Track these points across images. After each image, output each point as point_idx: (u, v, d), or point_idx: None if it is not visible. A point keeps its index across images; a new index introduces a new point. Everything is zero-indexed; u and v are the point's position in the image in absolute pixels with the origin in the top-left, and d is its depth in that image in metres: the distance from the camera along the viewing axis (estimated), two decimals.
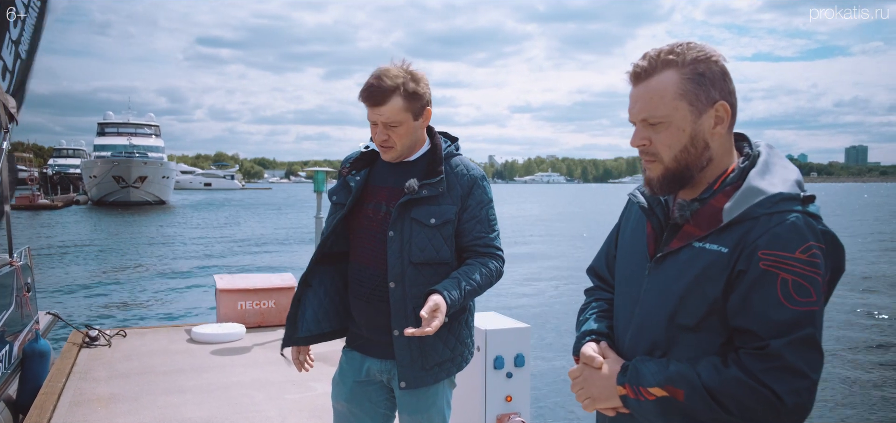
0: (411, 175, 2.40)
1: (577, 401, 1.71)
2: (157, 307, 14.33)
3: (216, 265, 21.48)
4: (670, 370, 1.50)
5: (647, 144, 1.59)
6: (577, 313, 1.93)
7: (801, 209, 1.46)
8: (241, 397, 5.28)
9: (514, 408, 3.68)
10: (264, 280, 7.77)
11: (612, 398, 1.60)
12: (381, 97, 2.30)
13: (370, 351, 2.49)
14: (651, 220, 1.67)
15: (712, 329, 1.51)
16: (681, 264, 1.54)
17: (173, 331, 7.48)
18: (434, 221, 2.36)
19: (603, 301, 1.86)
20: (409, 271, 2.35)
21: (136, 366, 6.08)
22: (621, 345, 1.69)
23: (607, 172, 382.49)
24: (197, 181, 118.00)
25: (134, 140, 57.93)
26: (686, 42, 1.57)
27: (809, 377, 1.40)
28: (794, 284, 1.40)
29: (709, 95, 1.53)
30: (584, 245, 27.11)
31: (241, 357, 6.41)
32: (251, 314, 7.45)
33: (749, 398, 1.41)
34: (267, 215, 52.00)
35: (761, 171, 1.52)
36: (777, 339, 1.40)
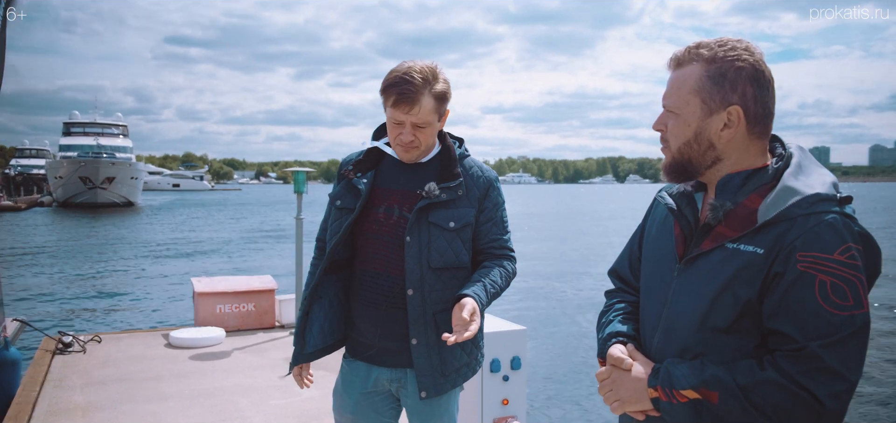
0: (424, 177, 2.33)
1: (605, 403, 1.66)
2: (132, 312, 14.01)
3: (191, 268, 21.13)
4: (705, 373, 1.46)
5: (663, 130, 1.63)
6: (598, 316, 1.89)
7: (838, 210, 1.44)
8: (224, 403, 5.16)
9: (510, 411, 3.63)
10: (243, 283, 7.64)
11: (642, 401, 1.57)
12: (415, 98, 2.22)
13: (379, 361, 2.40)
14: (680, 221, 1.64)
15: (745, 331, 1.48)
16: (713, 265, 1.51)
17: (150, 336, 7.31)
18: (453, 224, 2.30)
19: (626, 303, 1.83)
20: (429, 276, 2.28)
21: (114, 373, 5.92)
22: (648, 347, 1.66)
23: (578, 173, 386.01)
24: (165, 182, 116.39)
25: (101, 140, 56.90)
26: (728, 39, 1.55)
27: (848, 378, 1.37)
28: (832, 285, 1.38)
29: (724, 97, 1.52)
30: (564, 246, 27.29)
31: (222, 362, 6.28)
32: (230, 318, 7.31)
33: (787, 400, 1.38)
34: (239, 215, 51.44)
35: (795, 171, 1.50)
36: (815, 341, 1.37)
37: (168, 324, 10.78)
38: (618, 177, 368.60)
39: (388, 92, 2.25)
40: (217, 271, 19.54)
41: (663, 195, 1.73)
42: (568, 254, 24.98)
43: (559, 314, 13.67)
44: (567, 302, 15.02)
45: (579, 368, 9.82)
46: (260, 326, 7.44)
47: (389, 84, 2.25)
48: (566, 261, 22.58)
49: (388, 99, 2.26)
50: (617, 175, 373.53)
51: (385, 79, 2.28)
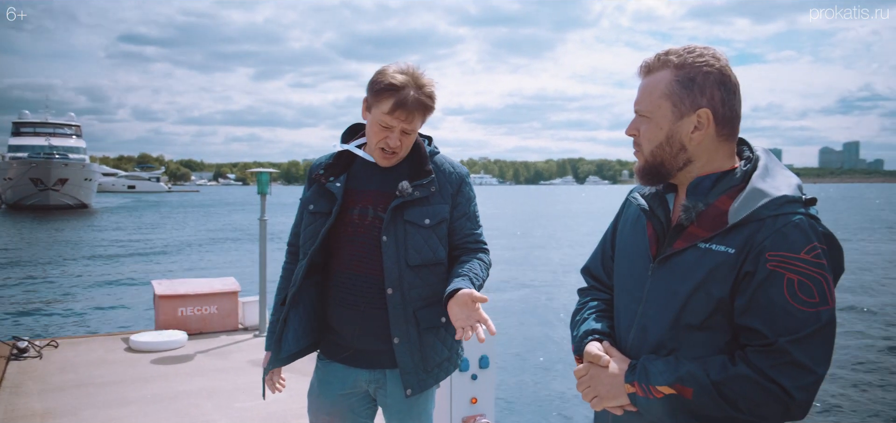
0: (396, 176, 2.34)
1: (583, 399, 1.71)
2: (90, 316, 13.66)
3: (149, 270, 20.70)
4: (680, 370, 1.52)
5: (635, 135, 1.69)
6: (571, 314, 1.94)
7: (804, 211, 1.51)
8: (188, 407, 5.09)
9: (479, 410, 3.67)
10: (205, 285, 7.53)
11: (619, 396, 1.62)
12: (416, 109, 2.24)
13: (356, 362, 2.39)
14: (652, 221, 1.70)
15: (717, 328, 1.54)
16: (687, 264, 1.57)
17: (109, 340, 7.16)
18: (429, 221, 2.31)
19: (600, 301, 1.88)
20: (407, 274, 2.29)
21: (72, 378, 5.78)
22: (624, 344, 1.71)
23: (538, 174, 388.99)
24: (120, 183, 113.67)
25: (53, 140, 55.21)
26: (695, 46, 1.62)
27: (816, 372, 1.44)
28: (799, 283, 1.45)
29: (694, 101, 1.58)
30: (521, 245, 27.48)
31: (185, 366, 6.19)
32: (193, 321, 7.21)
33: (758, 393, 1.45)
34: (199, 217, 50.60)
35: (763, 174, 1.56)
36: (784, 336, 1.44)
37: (128, 328, 10.57)
38: (577, 178, 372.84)
39: (386, 96, 2.23)
40: (177, 274, 19.19)
41: (635, 196, 1.78)
42: (531, 253, 25.21)
43: (526, 312, 13.80)
44: (533, 301, 15.15)
45: (545, 365, 9.94)
46: (223, 328, 7.35)
47: (389, 89, 2.23)
48: (529, 260, 22.77)
49: (383, 103, 2.24)
50: (577, 176, 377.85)
51: (381, 81, 2.25)
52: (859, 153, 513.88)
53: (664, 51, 1.64)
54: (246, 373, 5.93)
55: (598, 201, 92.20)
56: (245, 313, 7.50)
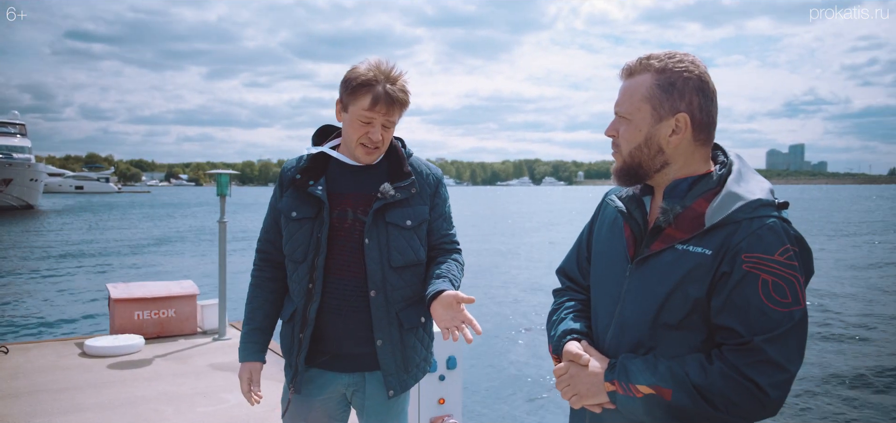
0: (373, 178, 2.34)
1: (563, 398, 1.73)
2: (40, 321, 13.24)
3: (101, 273, 20.14)
4: (659, 370, 1.56)
5: (614, 136, 1.73)
6: (548, 314, 1.96)
7: (777, 215, 1.57)
8: (148, 412, 4.99)
9: (447, 410, 3.68)
10: (163, 288, 7.36)
11: (599, 394, 1.65)
12: (397, 102, 2.26)
13: (334, 366, 2.38)
14: (629, 222, 1.73)
15: (693, 327, 1.59)
16: (664, 265, 1.61)
17: (62, 345, 6.95)
18: (410, 223, 2.32)
19: (576, 301, 1.91)
20: (390, 276, 2.30)
21: (25, 385, 5.61)
22: (601, 343, 1.75)
23: (495, 175, 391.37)
24: (67, 184, 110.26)
25: None
26: (675, 52, 1.66)
27: (789, 370, 1.50)
28: (773, 284, 1.50)
29: (673, 105, 1.62)
30: (478, 248, 27.59)
31: (143, 370, 6.05)
32: (149, 325, 7.05)
33: (734, 391, 1.49)
34: (151, 218, 49.48)
35: (737, 178, 1.62)
36: (759, 335, 1.49)
37: (81, 332, 10.30)
38: (534, 179, 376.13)
39: (364, 92, 2.23)
40: (129, 277, 18.74)
41: (612, 198, 1.82)
42: (493, 254, 25.36)
43: (492, 313, 13.87)
44: (499, 301, 15.24)
45: (513, 365, 10.01)
46: (181, 332, 7.20)
47: (367, 84, 2.23)
48: (492, 260, 22.90)
49: (362, 99, 2.24)
50: (533, 177, 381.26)
51: (357, 78, 2.25)
52: (805, 155, 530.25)
53: (646, 55, 1.68)
54: (206, 377, 5.84)
55: (554, 202, 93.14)
56: (204, 316, 7.36)
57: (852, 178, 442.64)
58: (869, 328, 12.37)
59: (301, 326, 2.34)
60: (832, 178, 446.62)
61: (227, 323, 7.25)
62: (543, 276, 18.72)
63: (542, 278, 18.22)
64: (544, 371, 9.50)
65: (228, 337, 7.14)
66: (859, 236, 32.83)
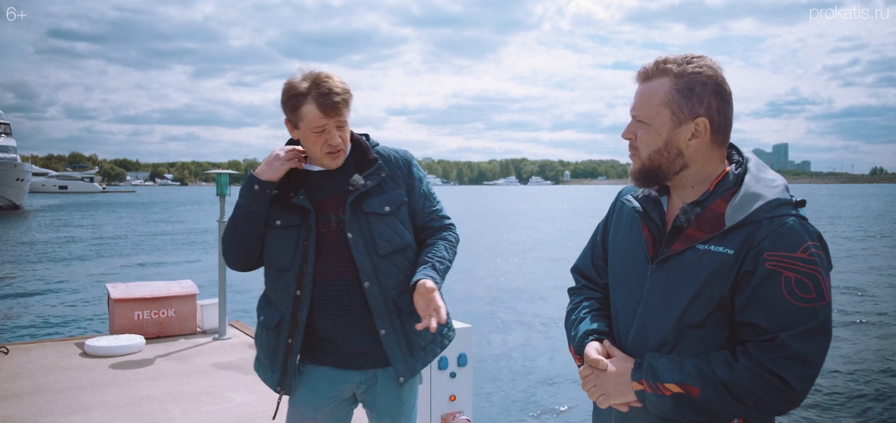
0: (343, 176, 2.37)
1: (589, 398, 1.77)
2: (38, 321, 13.16)
3: (95, 272, 20.06)
4: (686, 368, 1.59)
5: (632, 139, 1.74)
6: (566, 313, 1.98)
7: (795, 213, 1.62)
8: (154, 411, 5.01)
9: (458, 407, 3.75)
10: (163, 288, 7.37)
11: (626, 394, 1.68)
12: (341, 103, 2.29)
13: (345, 364, 2.42)
14: (647, 222, 1.76)
15: (716, 325, 1.63)
16: (687, 265, 1.64)
17: (62, 345, 6.94)
18: (388, 208, 2.37)
19: (593, 300, 1.93)
20: (381, 264, 2.33)
21: (27, 385, 5.61)
22: (624, 342, 1.77)
23: (482, 174, 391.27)
24: (51, 183, 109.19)
25: None
26: (692, 55, 1.69)
27: (815, 364, 1.54)
28: (796, 281, 1.54)
29: (692, 109, 1.65)
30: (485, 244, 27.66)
31: (145, 370, 6.07)
32: (150, 325, 7.06)
33: (760, 387, 1.53)
34: (141, 217, 49.16)
35: (755, 178, 1.66)
36: (784, 332, 1.53)
37: (79, 332, 10.27)
38: (521, 178, 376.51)
39: (306, 104, 2.26)
40: (125, 276, 18.66)
41: (628, 199, 1.84)
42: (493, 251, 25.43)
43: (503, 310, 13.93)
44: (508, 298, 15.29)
45: (521, 362, 10.08)
46: (181, 332, 7.22)
47: (305, 96, 2.27)
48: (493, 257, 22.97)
49: (307, 112, 2.27)
50: (520, 177, 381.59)
51: (295, 94, 2.28)
52: (788, 155, 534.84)
53: (662, 58, 1.70)
54: (209, 376, 5.87)
55: (541, 201, 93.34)
56: (204, 316, 7.38)
57: (835, 177, 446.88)
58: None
59: (290, 331, 2.36)
60: (816, 177, 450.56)
61: (227, 323, 7.27)
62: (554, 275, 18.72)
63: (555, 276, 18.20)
64: (556, 367, 9.57)
65: (229, 336, 7.16)
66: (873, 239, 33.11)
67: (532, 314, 13.62)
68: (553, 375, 9.27)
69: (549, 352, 10.51)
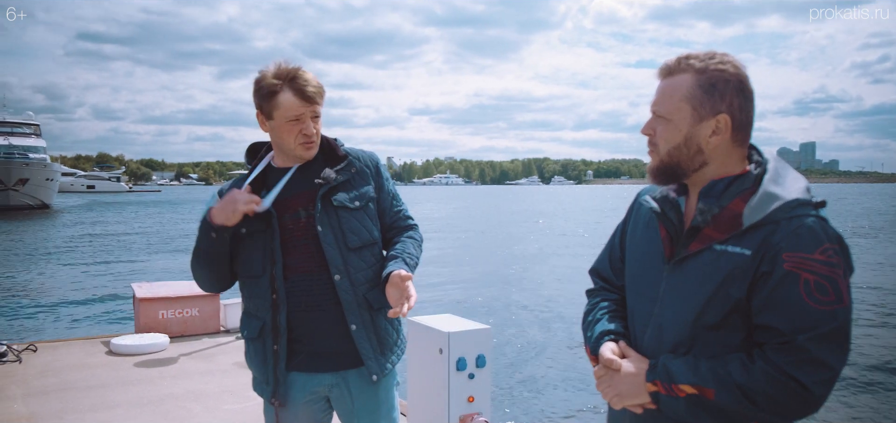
0: (313, 174, 2.38)
1: (603, 399, 1.76)
2: (65, 319, 13.38)
3: (121, 271, 20.33)
4: (701, 370, 1.57)
5: (651, 134, 1.72)
6: (583, 314, 1.97)
7: (815, 214, 1.58)
8: (176, 409, 5.09)
9: (476, 408, 3.74)
10: (187, 288, 7.47)
11: (640, 395, 1.66)
12: (317, 93, 2.32)
13: (314, 366, 2.39)
14: (665, 223, 1.74)
15: (733, 326, 1.60)
16: (703, 266, 1.62)
17: (89, 344, 7.07)
18: (358, 203, 2.39)
19: (610, 302, 1.92)
20: (350, 258, 2.34)
21: (54, 382, 5.72)
22: (639, 343, 1.75)
23: (504, 174, 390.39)
24: (79, 183, 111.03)
25: (12, 140, 53.69)
26: (716, 52, 1.67)
27: (834, 368, 1.50)
28: (815, 283, 1.50)
29: (714, 106, 1.63)
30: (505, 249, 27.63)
31: (169, 369, 6.16)
32: (174, 324, 7.16)
33: (777, 390, 1.50)
34: (166, 216, 49.78)
35: (774, 178, 1.62)
36: (802, 334, 1.49)
37: (105, 331, 10.42)
38: (543, 178, 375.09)
39: (282, 94, 2.29)
40: (149, 275, 18.91)
41: (646, 199, 1.82)
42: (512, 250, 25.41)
43: (522, 311, 13.92)
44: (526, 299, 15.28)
45: (541, 363, 10.07)
46: (204, 331, 7.32)
47: (281, 87, 2.29)
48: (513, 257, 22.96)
49: (283, 102, 2.29)
50: (542, 176, 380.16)
51: (271, 86, 2.30)
52: (816, 154, 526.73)
53: (685, 55, 1.68)
54: (232, 375, 5.93)
55: (564, 201, 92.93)
56: (227, 315, 7.47)
57: (864, 176, 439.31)
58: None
59: (274, 337, 2.35)
60: (844, 176, 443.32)
61: None
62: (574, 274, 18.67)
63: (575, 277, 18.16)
64: (574, 369, 9.54)
65: None
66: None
67: (552, 315, 13.57)
68: (573, 376, 9.23)
69: (568, 353, 10.46)
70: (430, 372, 3.76)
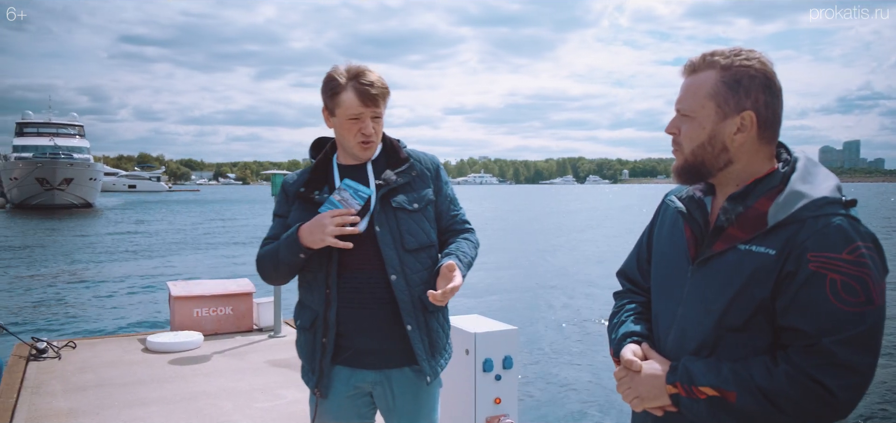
0: (376, 173, 2.42)
1: (624, 401, 1.73)
2: (104, 317, 13.71)
3: (159, 270, 20.74)
4: (723, 372, 1.53)
5: (676, 133, 1.69)
6: (609, 316, 1.95)
7: (844, 212, 1.52)
8: (208, 407, 5.15)
9: (502, 410, 3.72)
10: (220, 287, 7.59)
11: (660, 397, 1.63)
12: (379, 95, 2.35)
13: (360, 363, 2.42)
14: (690, 223, 1.71)
15: (758, 328, 1.55)
16: (727, 266, 1.58)
17: (126, 341, 7.23)
18: (416, 205, 2.41)
19: (636, 304, 1.90)
20: (407, 259, 2.37)
21: (92, 379, 5.85)
22: (663, 345, 1.73)
23: (538, 174, 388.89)
24: (120, 183, 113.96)
25: (57, 140, 55.30)
26: (741, 49, 1.63)
27: (862, 372, 1.45)
28: (842, 284, 1.45)
29: (739, 103, 1.59)
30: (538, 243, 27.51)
31: (202, 366, 6.25)
32: (208, 322, 7.27)
33: (801, 394, 1.45)
34: (204, 215, 50.65)
35: (802, 176, 1.57)
36: (828, 336, 1.44)
37: (141, 328, 10.64)
38: (578, 177, 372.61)
39: (346, 93, 2.33)
40: (187, 273, 19.27)
41: (672, 199, 1.79)
42: (542, 251, 25.27)
43: (546, 309, 13.84)
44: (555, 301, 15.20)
45: (570, 365, 9.99)
46: (237, 329, 7.42)
47: (345, 87, 2.33)
48: (543, 258, 22.84)
49: (346, 100, 2.33)
50: (577, 175, 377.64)
51: (336, 84, 2.34)
52: (860, 152, 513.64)
53: (710, 51, 1.65)
54: (263, 373, 6.00)
55: (599, 200, 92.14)
56: (260, 314, 7.56)
57: None
58: None
59: (323, 331, 2.39)
60: (890, 175, 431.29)
61: (281, 321, 7.42)
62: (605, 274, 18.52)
63: (602, 279, 17.99)
64: (605, 372, 9.44)
65: (284, 334, 7.31)
66: None
67: (582, 315, 13.45)
68: (602, 379, 9.13)
69: (597, 356, 10.36)
70: (457, 373, 3.74)
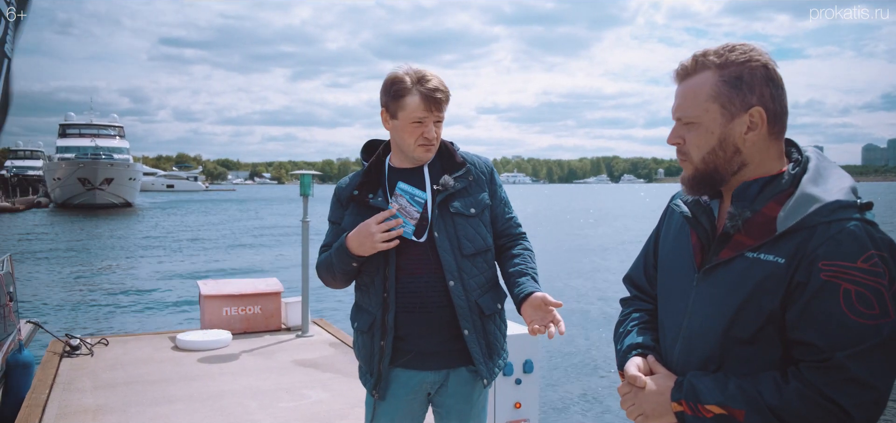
0: (433, 177, 2.42)
1: (628, 417, 1.67)
2: (137, 314, 14.01)
3: (193, 268, 21.12)
4: (729, 389, 1.44)
5: (680, 143, 1.59)
6: (615, 325, 1.89)
7: (859, 217, 1.42)
8: (233, 406, 5.20)
9: (523, 415, 3.69)
10: (250, 286, 7.67)
11: (665, 414, 1.56)
12: (445, 101, 2.37)
13: (419, 365, 2.43)
14: (696, 229, 1.62)
15: (768, 342, 1.46)
16: (734, 274, 1.50)
17: (156, 338, 7.35)
18: (474, 210, 2.41)
19: (643, 313, 1.82)
20: (465, 264, 2.37)
21: (122, 376, 5.95)
22: (669, 358, 1.65)
23: (572, 173, 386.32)
24: (159, 183, 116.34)
25: (98, 141, 56.70)
26: (733, 44, 1.54)
27: (878, 388, 1.35)
28: (857, 294, 1.36)
29: (744, 100, 1.50)
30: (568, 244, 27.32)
31: (230, 365, 6.31)
32: (237, 321, 7.35)
33: (813, 413, 1.36)
34: (239, 215, 51.40)
35: (814, 178, 1.48)
36: (841, 351, 1.35)
37: (173, 326, 10.80)
38: (612, 176, 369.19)
39: (411, 96, 2.32)
40: (219, 272, 19.55)
41: (678, 203, 1.71)
42: (571, 252, 25.05)
43: (569, 315, 13.69)
44: (577, 304, 15.06)
45: (591, 370, 9.87)
46: (266, 328, 7.49)
47: (412, 89, 2.32)
48: (571, 260, 22.64)
49: (410, 103, 2.32)
50: (611, 175, 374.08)
51: (401, 85, 2.34)
52: None
53: (700, 52, 1.56)
54: (289, 373, 6.03)
55: (633, 200, 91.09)
56: (288, 313, 7.61)
57: None
58: None
59: (382, 334, 2.40)
60: None
61: (309, 320, 7.47)
62: None
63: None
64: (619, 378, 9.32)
65: (311, 334, 7.35)
66: None
67: (604, 320, 13.29)
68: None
69: None
70: None
